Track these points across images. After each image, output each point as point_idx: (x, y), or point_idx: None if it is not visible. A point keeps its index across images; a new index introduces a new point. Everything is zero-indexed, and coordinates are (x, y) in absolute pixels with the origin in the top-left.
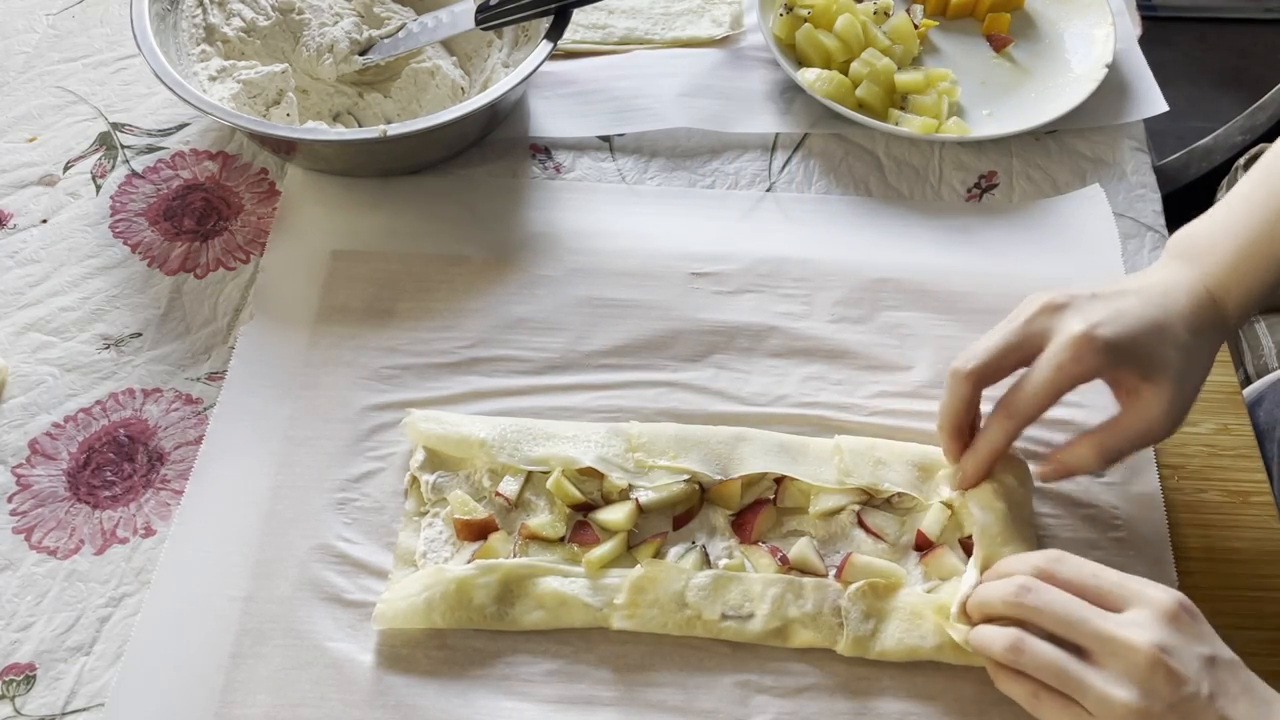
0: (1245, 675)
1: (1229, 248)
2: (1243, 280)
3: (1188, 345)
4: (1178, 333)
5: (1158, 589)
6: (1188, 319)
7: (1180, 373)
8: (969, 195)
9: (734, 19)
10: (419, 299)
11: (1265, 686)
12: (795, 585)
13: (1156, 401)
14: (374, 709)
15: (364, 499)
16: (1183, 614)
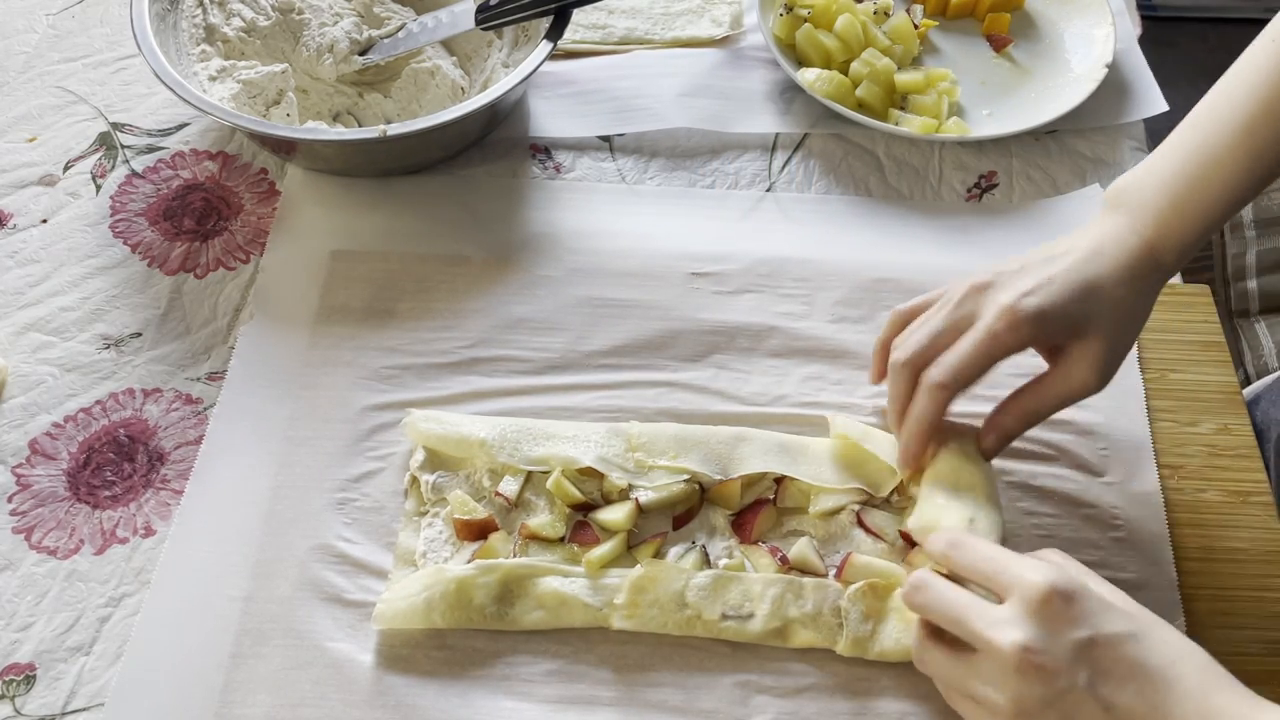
0: (1135, 650)
1: (1163, 195)
2: (1177, 226)
3: (1121, 300)
4: (1109, 289)
5: (1035, 572)
6: (1120, 272)
7: (1112, 328)
8: (969, 195)
9: (734, 19)
10: (419, 299)
11: (1164, 657)
12: (795, 585)
13: (1084, 359)
14: (374, 709)
15: (364, 499)
16: (1054, 599)
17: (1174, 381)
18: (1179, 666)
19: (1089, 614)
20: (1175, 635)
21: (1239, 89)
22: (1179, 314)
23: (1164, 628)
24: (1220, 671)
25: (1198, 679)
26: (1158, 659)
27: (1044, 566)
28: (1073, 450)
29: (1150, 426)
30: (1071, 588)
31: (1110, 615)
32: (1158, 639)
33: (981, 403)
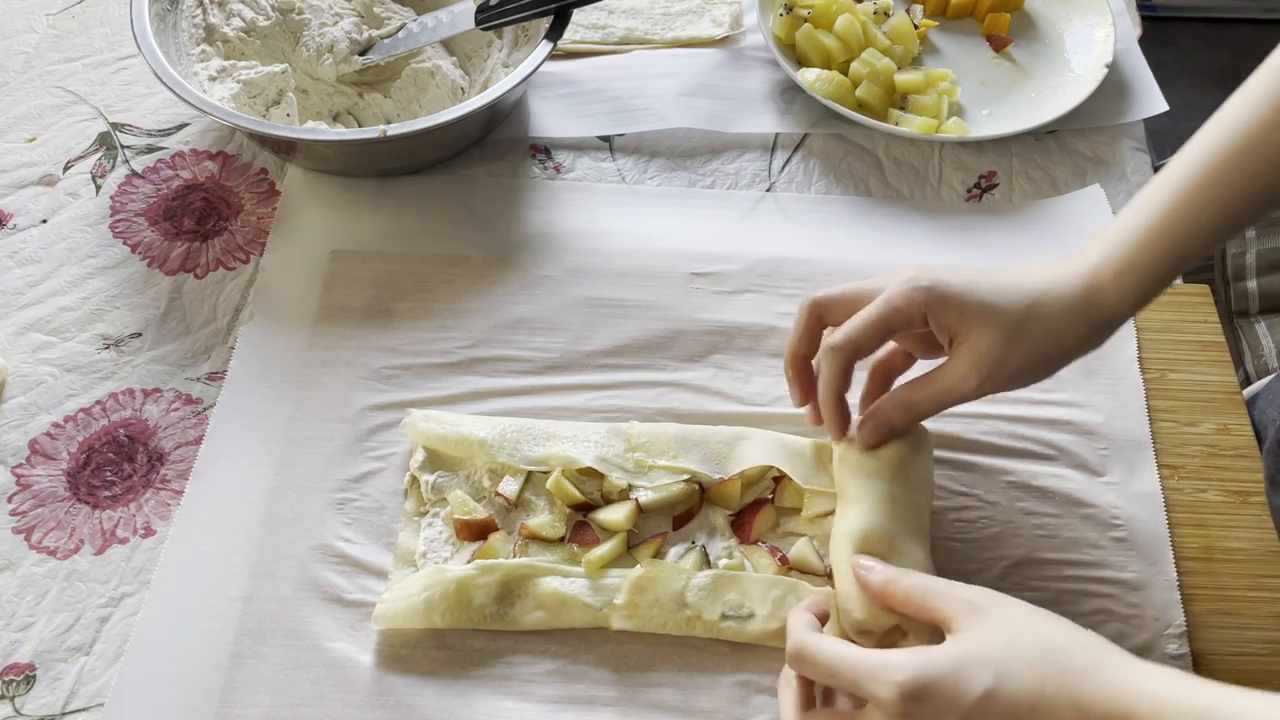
0: (1000, 700)
1: (1121, 237)
2: (1127, 270)
3: (1034, 312)
4: (1025, 297)
5: (881, 685)
6: (1048, 292)
7: (1009, 334)
8: (969, 195)
9: (734, 19)
10: (419, 299)
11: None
12: (794, 587)
13: (969, 355)
14: (374, 709)
15: (364, 499)
16: (912, 707)
17: (1174, 381)
18: (1044, 689)
19: (947, 698)
20: (1027, 648)
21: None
22: (1179, 314)
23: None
24: (1091, 656)
25: (1061, 689)
26: (1023, 694)
27: (889, 668)
28: (1073, 450)
29: (1150, 426)
30: (918, 684)
31: (965, 684)
32: (1015, 671)
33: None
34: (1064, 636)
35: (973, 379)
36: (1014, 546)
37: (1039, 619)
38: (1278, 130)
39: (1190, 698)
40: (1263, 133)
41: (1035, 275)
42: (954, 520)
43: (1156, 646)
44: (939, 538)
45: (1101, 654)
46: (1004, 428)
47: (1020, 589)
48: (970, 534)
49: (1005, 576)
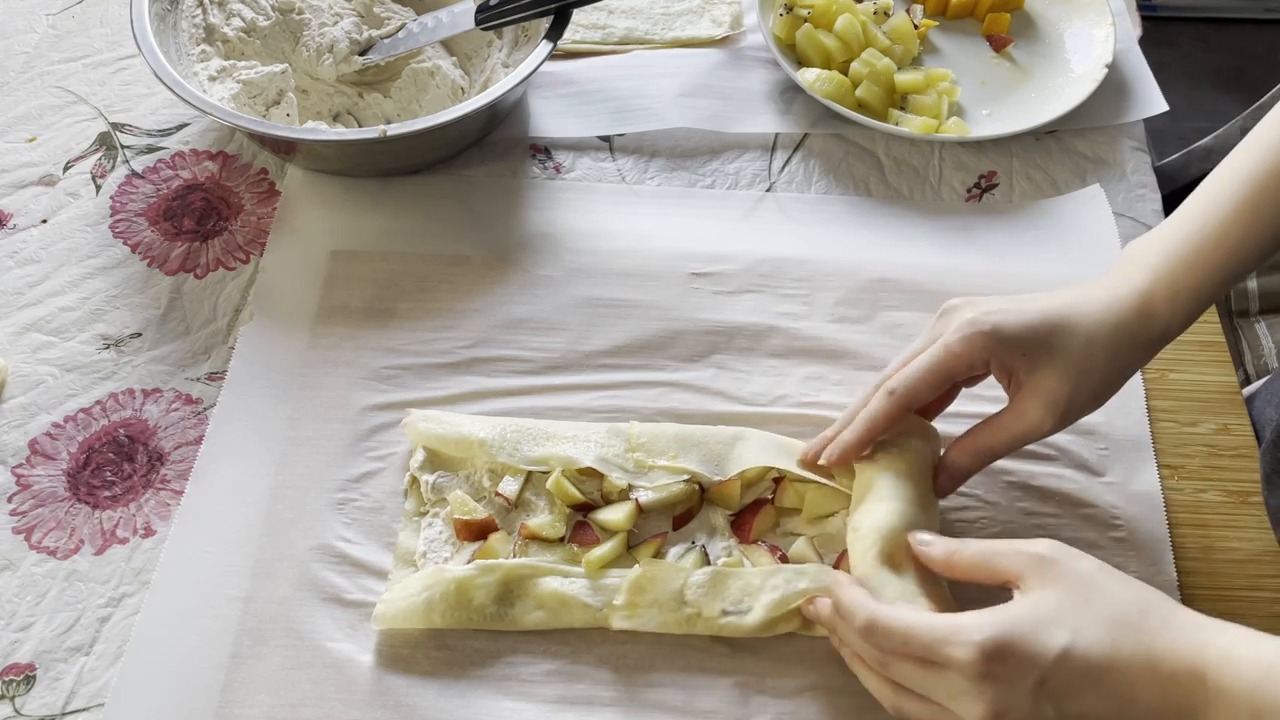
0: (1076, 660)
1: (1164, 255)
2: (1175, 287)
3: (1095, 343)
4: (1084, 328)
5: (960, 648)
6: (1104, 317)
7: (1077, 369)
8: (969, 195)
9: (734, 19)
10: (419, 299)
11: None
12: (796, 575)
13: (1039, 395)
14: (374, 709)
15: (364, 499)
16: (994, 667)
17: (1174, 381)
18: (1119, 645)
19: (1027, 657)
20: (1099, 605)
21: (1245, 161)
22: None
23: (1087, 607)
24: (1162, 613)
25: (1137, 645)
26: (1098, 650)
27: (966, 629)
28: (1073, 450)
29: (1150, 426)
30: (998, 644)
31: (1043, 640)
32: (1088, 627)
33: (983, 403)
34: (1135, 593)
35: (1048, 422)
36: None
37: (1109, 576)
38: None
39: (1259, 649)
40: None
41: (1088, 303)
42: (954, 520)
43: None
44: None
45: (1173, 610)
46: None
47: None
48: (970, 534)
49: None
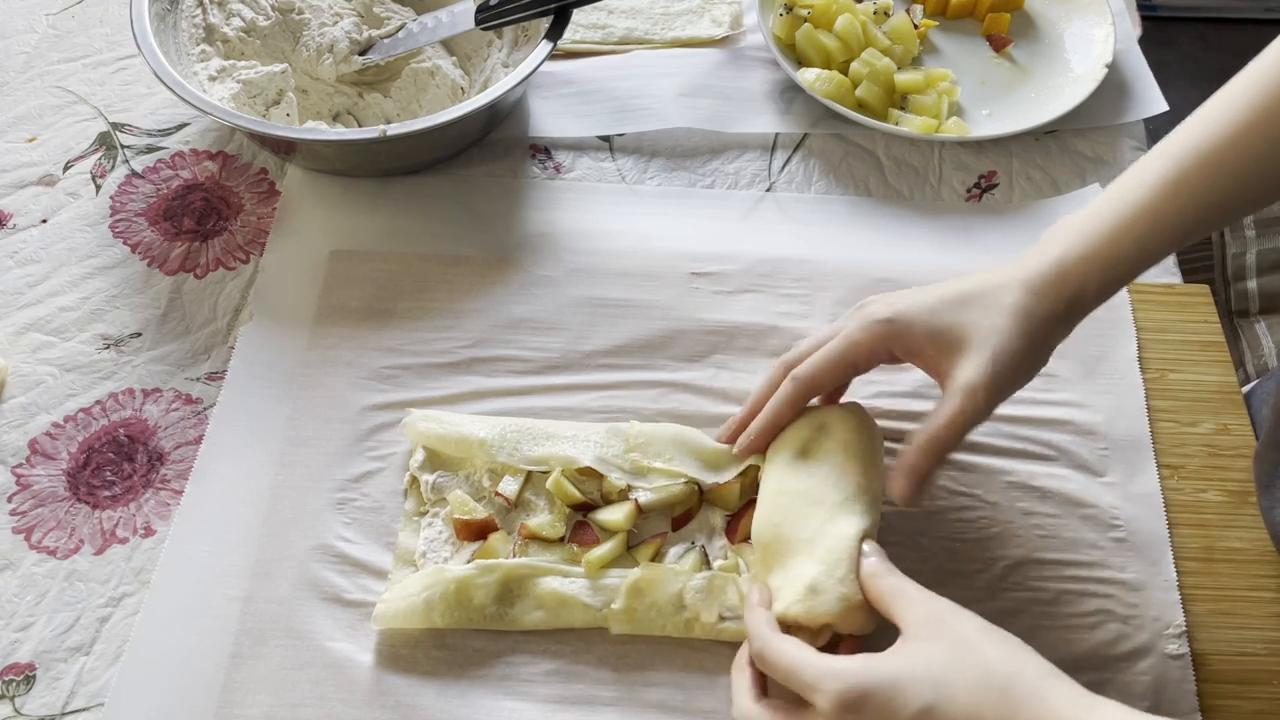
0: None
1: (1084, 230)
2: (1092, 259)
3: (1007, 319)
4: (994, 297)
5: (822, 696)
6: (1017, 294)
7: (990, 346)
8: (969, 195)
9: (734, 19)
10: (418, 299)
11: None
12: None
13: (963, 378)
14: (374, 709)
15: (364, 499)
16: (848, 713)
17: (1174, 381)
18: (980, 712)
19: (883, 709)
20: (970, 670)
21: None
22: (1179, 314)
23: (957, 671)
24: (1031, 683)
25: (998, 714)
26: (957, 716)
27: (829, 676)
28: (1073, 450)
29: (1150, 426)
30: (855, 694)
31: (901, 700)
32: (953, 694)
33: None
34: (1010, 660)
35: (980, 397)
36: (1014, 547)
37: (990, 640)
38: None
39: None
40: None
41: (1000, 280)
42: (954, 520)
43: (1156, 647)
44: (940, 537)
45: (1044, 681)
46: (1004, 428)
47: (1020, 589)
48: (970, 534)
49: (1005, 577)
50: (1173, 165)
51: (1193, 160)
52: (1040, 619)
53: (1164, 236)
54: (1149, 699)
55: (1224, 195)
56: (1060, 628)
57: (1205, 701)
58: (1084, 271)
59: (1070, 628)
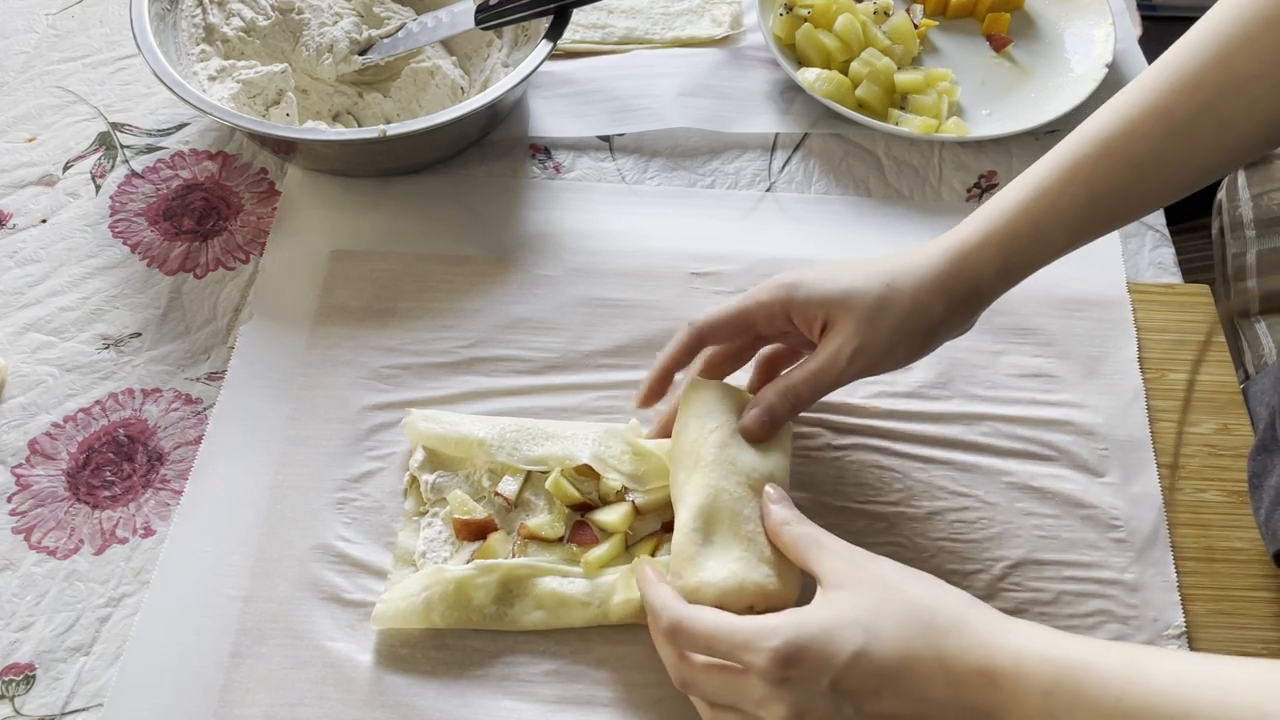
0: (869, 660)
1: (989, 215)
2: (989, 242)
3: (891, 292)
4: (878, 277)
5: (756, 654)
6: (913, 275)
7: (869, 319)
8: (969, 195)
9: (734, 19)
10: (418, 299)
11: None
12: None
13: (835, 341)
14: (373, 709)
15: (363, 499)
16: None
17: (1174, 381)
18: (910, 646)
19: (819, 660)
20: (895, 608)
21: (1078, 131)
22: (1179, 314)
23: (883, 610)
24: (954, 612)
25: (927, 646)
26: (890, 653)
27: (763, 634)
28: (1072, 451)
29: (1150, 426)
30: (791, 648)
31: (835, 645)
32: (882, 631)
33: (982, 403)
34: (931, 594)
35: (843, 358)
36: (1014, 547)
37: (908, 577)
38: (1143, 130)
39: (1051, 651)
40: (1130, 130)
41: (896, 258)
42: (954, 521)
43: (1156, 647)
44: (940, 538)
45: (966, 610)
46: (1003, 429)
47: (1020, 590)
48: (970, 535)
49: (1005, 577)
50: (1072, 151)
51: (1092, 146)
52: (1040, 619)
53: (1060, 223)
54: None
55: (1118, 183)
56: (1060, 628)
57: None
58: (980, 259)
59: (1070, 628)
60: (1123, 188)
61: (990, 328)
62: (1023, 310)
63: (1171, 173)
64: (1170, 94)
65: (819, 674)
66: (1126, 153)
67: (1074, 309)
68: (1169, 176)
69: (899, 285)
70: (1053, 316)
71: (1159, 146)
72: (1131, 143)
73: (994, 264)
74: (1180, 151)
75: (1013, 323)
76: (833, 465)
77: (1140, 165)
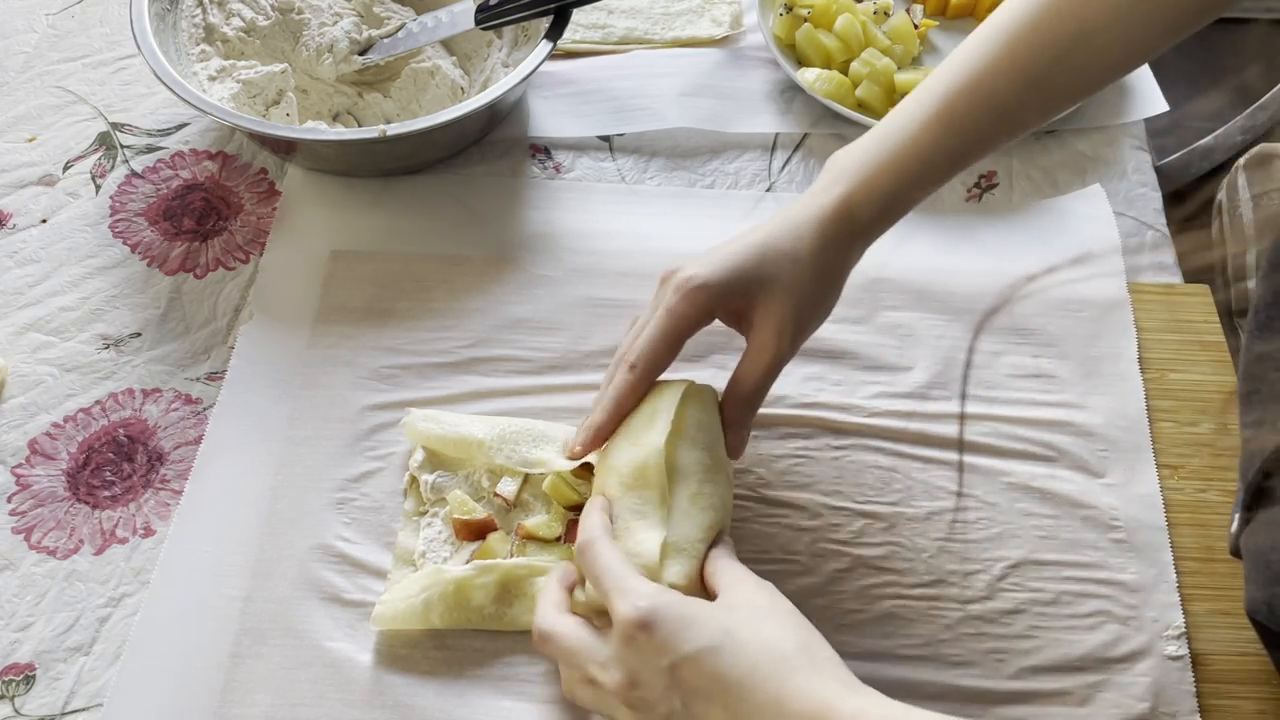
0: (714, 663)
1: (864, 164)
2: (874, 191)
3: (801, 259)
4: (788, 245)
5: (623, 603)
6: (808, 233)
7: (794, 285)
8: (969, 195)
9: (734, 19)
10: (418, 299)
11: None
12: None
13: (767, 322)
14: (372, 709)
15: (363, 499)
16: (638, 633)
17: (1174, 381)
18: (757, 669)
19: (670, 639)
20: (764, 630)
21: (940, 75)
22: (1179, 314)
23: (750, 627)
24: (810, 659)
25: (775, 676)
26: (737, 667)
27: (634, 592)
28: (1072, 451)
29: (1150, 426)
30: (650, 618)
31: (690, 633)
32: (739, 644)
33: (982, 404)
34: (803, 638)
35: (779, 344)
36: (1013, 548)
37: (793, 619)
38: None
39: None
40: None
41: (789, 223)
42: (953, 521)
43: (1155, 648)
44: (939, 538)
45: (828, 664)
46: (1003, 429)
47: (1019, 590)
48: (970, 535)
49: (1004, 577)
50: (938, 100)
51: (955, 93)
52: (1039, 620)
53: (935, 168)
54: (1148, 700)
55: (987, 128)
56: (1059, 629)
57: (1205, 701)
58: (866, 203)
59: (1069, 629)
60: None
61: (990, 328)
62: (1022, 311)
63: (1031, 118)
64: (1025, 48)
65: (664, 651)
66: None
67: (1074, 309)
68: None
69: (801, 252)
70: (1053, 317)
71: (1020, 94)
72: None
73: (881, 209)
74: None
75: (1012, 323)
76: (832, 465)
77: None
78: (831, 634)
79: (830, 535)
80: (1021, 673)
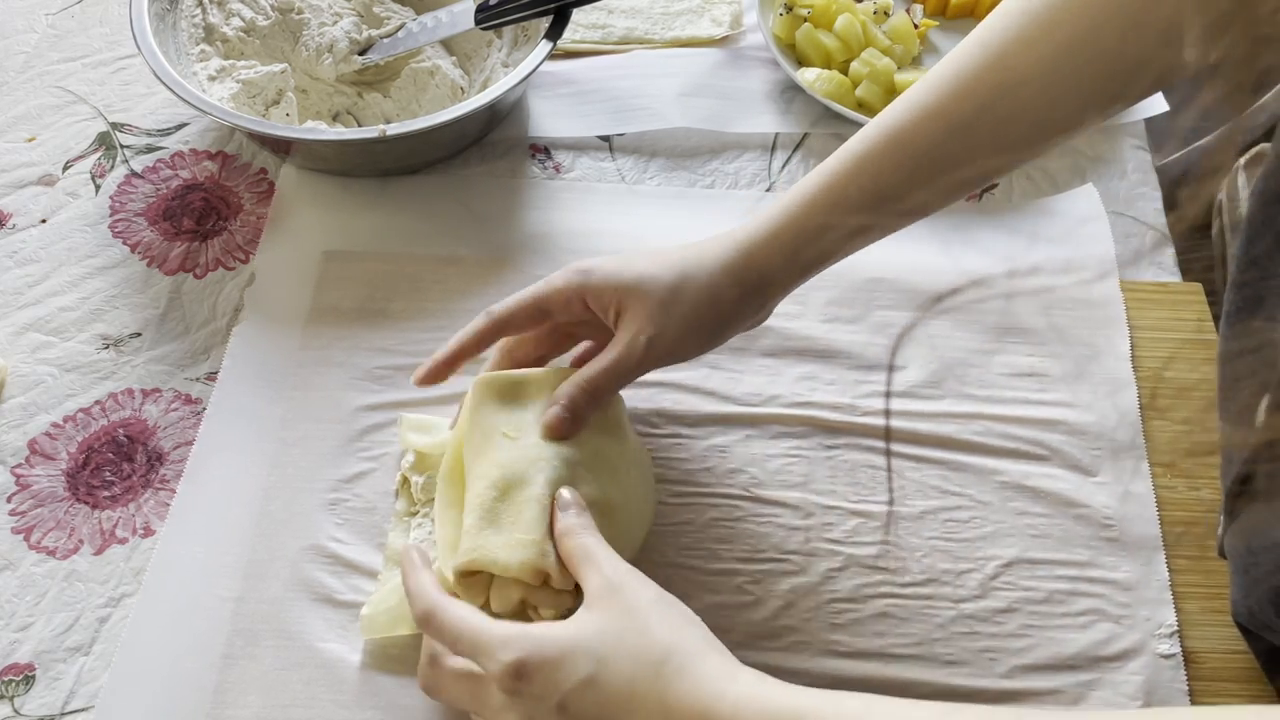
0: (595, 692)
1: (779, 209)
2: (775, 240)
3: (686, 288)
4: (672, 266)
5: (490, 662)
6: (704, 267)
7: (660, 309)
8: (969, 195)
9: (734, 19)
10: (412, 299)
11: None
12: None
13: (627, 332)
14: (364, 709)
15: (356, 499)
16: (516, 684)
17: (1168, 380)
18: (635, 686)
19: (547, 682)
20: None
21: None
22: (1172, 312)
23: (619, 647)
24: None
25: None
26: (618, 691)
27: (501, 646)
28: (1065, 450)
29: (1143, 425)
30: (521, 665)
31: (564, 672)
32: (612, 669)
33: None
34: (671, 634)
35: (639, 348)
36: (1006, 546)
37: (656, 610)
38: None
39: (770, 702)
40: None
41: (690, 248)
42: (945, 520)
43: (1147, 647)
44: (932, 537)
45: (697, 655)
46: (996, 428)
47: (1012, 589)
48: (962, 534)
49: (997, 576)
50: (862, 144)
51: (879, 141)
52: (1032, 619)
53: (847, 215)
54: (1141, 699)
55: (903, 176)
56: (1052, 627)
57: (1197, 699)
58: (769, 249)
59: (1062, 627)
60: (907, 180)
61: (983, 326)
62: (1015, 309)
63: (955, 169)
64: (952, 94)
65: (548, 693)
66: (911, 147)
67: (1067, 308)
68: (951, 173)
69: (691, 274)
70: (1045, 316)
71: (941, 143)
72: (916, 139)
73: (783, 253)
74: (961, 149)
75: (1005, 322)
76: (825, 464)
77: (924, 160)
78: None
79: (823, 534)
80: (1014, 671)
